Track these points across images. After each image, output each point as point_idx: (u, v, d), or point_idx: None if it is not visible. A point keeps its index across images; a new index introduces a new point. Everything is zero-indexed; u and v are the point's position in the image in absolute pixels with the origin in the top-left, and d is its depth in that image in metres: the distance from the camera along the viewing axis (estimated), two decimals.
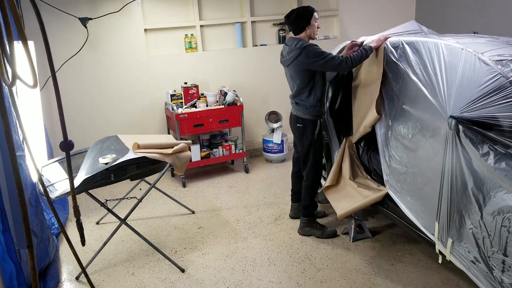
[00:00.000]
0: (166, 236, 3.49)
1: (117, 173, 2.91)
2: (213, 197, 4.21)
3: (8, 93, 1.61)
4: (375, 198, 2.94)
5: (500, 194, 1.89)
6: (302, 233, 3.35)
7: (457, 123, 2.08)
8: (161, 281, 2.88)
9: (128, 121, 4.81)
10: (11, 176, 2.33)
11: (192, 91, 4.59)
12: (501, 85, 1.95)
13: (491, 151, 1.91)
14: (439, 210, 2.31)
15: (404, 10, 5.82)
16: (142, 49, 4.69)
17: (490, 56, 2.08)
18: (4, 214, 2.30)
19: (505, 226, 1.87)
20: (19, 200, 1.34)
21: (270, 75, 5.28)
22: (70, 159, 1.85)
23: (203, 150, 4.66)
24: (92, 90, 4.62)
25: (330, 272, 2.88)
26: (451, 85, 2.18)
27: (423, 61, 2.40)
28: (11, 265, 2.39)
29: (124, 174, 3.00)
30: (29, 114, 3.42)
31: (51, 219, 3.48)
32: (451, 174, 2.17)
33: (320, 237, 3.28)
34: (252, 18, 5.07)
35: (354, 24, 5.58)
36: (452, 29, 5.12)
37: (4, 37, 1.32)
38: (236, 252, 3.18)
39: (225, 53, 5.03)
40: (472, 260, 2.10)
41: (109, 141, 3.24)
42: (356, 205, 3.03)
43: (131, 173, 3.05)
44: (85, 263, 2.98)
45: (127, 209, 3.24)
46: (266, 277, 2.85)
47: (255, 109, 5.23)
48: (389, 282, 2.73)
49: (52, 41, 4.20)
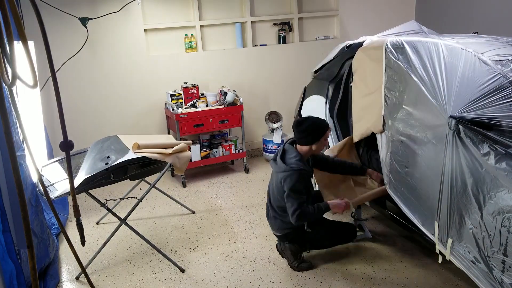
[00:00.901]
0: (166, 236, 3.49)
1: (117, 173, 2.91)
2: (213, 197, 4.21)
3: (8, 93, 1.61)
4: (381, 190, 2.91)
5: (500, 194, 1.88)
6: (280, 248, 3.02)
7: (457, 123, 2.07)
8: (161, 281, 2.88)
9: (128, 121, 4.81)
10: (11, 176, 2.33)
11: (192, 91, 4.59)
12: (501, 85, 1.95)
13: (491, 151, 1.91)
14: (439, 210, 2.31)
15: (404, 10, 5.82)
16: (142, 49, 4.69)
17: (490, 56, 2.08)
18: (4, 214, 2.30)
19: (505, 226, 1.86)
20: (19, 200, 1.34)
21: (270, 75, 5.28)
22: (70, 159, 1.85)
23: (203, 150, 4.66)
24: (92, 90, 4.62)
25: (330, 272, 2.88)
26: (451, 85, 2.18)
27: (423, 61, 2.40)
28: (11, 265, 2.39)
29: (124, 174, 3.00)
30: (29, 114, 3.42)
31: (51, 219, 3.48)
32: (451, 174, 2.16)
33: (291, 266, 2.93)
34: (252, 18, 5.07)
35: (354, 24, 5.58)
36: (452, 29, 5.12)
37: (4, 37, 1.32)
38: (236, 252, 3.18)
39: (225, 53, 5.04)
40: (472, 260, 2.10)
41: (109, 141, 3.24)
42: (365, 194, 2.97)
43: (131, 173, 3.05)
44: (85, 263, 2.98)
45: (127, 209, 3.24)
46: (266, 277, 2.85)
47: (255, 109, 5.23)
48: (389, 282, 2.73)
49: (52, 41, 4.18)
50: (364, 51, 3.01)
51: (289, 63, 5.33)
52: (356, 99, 3.15)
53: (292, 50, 5.33)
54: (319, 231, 2.94)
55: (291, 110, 4.59)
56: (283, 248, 2.98)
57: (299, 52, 5.35)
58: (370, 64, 2.92)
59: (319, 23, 5.51)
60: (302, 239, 2.93)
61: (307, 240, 2.94)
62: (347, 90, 3.34)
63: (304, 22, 5.42)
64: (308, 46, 5.39)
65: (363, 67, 3.02)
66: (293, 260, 2.92)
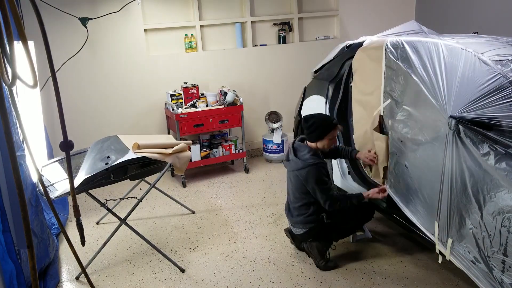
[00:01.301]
0: (166, 236, 3.49)
1: (117, 173, 2.91)
2: (213, 197, 4.21)
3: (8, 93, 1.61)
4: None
5: (500, 194, 1.88)
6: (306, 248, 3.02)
7: (457, 123, 2.08)
8: (161, 281, 2.88)
9: (128, 121, 4.81)
10: (11, 176, 2.33)
11: (192, 91, 4.59)
12: (501, 85, 1.95)
13: (491, 151, 1.91)
14: (439, 210, 2.31)
15: (404, 10, 5.82)
16: (142, 49, 4.69)
17: (490, 56, 2.08)
18: (4, 214, 2.30)
19: (505, 226, 1.87)
20: (19, 200, 1.34)
21: (270, 75, 5.28)
22: (70, 159, 1.85)
23: (203, 150, 4.66)
24: (92, 90, 4.62)
25: (330, 272, 2.87)
26: (451, 85, 2.18)
27: (423, 61, 2.40)
28: (11, 265, 2.39)
29: (124, 174, 3.00)
30: (29, 114, 3.42)
31: (51, 219, 3.48)
32: (451, 174, 2.16)
33: (318, 266, 2.94)
34: (252, 18, 5.07)
35: (354, 24, 5.58)
36: (452, 29, 5.12)
37: (4, 37, 1.32)
38: (236, 252, 3.18)
39: (225, 53, 5.04)
40: (472, 260, 2.10)
41: (109, 141, 3.24)
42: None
43: (131, 173, 3.05)
44: (85, 263, 2.98)
45: (127, 209, 3.24)
46: (266, 277, 2.85)
47: (255, 109, 5.23)
48: (389, 282, 2.73)
49: (52, 41, 4.19)
50: (364, 51, 3.01)
51: (289, 63, 5.33)
52: (356, 98, 3.15)
53: (292, 50, 5.33)
54: (340, 218, 2.92)
55: (291, 110, 4.59)
56: (310, 247, 2.97)
57: (299, 52, 5.35)
58: (370, 64, 2.92)
59: (319, 23, 5.51)
60: (325, 231, 2.92)
61: (331, 230, 2.93)
62: (347, 90, 3.34)
63: (304, 22, 5.42)
64: (308, 46, 5.39)
65: (363, 67, 3.03)
66: (319, 259, 2.92)
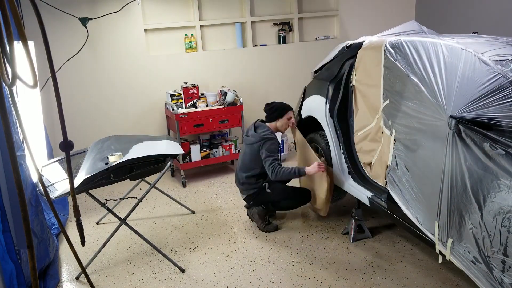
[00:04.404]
0: (166, 236, 3.49)
1: (117, 173, 2.91)
2: (213, 197, 4.21)
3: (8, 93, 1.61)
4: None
5: (500, 194, 1.88)
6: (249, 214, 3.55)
7: (457, 123, 2.07)
8: (161, 281, 2.88)
9: (128, 121, 4.81)
10: (11, 176, 2.33)
11: (192, 91, 4.59)
12: (501, 85, 1.95)
13: (491, 151, 1.91)
14: (439, 210, 2.30)
15: (404, 10, 5.83)
16: (142, 49, 4.69)
17: (490, 56, 2.08)
18: (4, 214, 2.30)
19: (505, 226, 1.86)
20: (19, 200, 1.34)
21: (270, 75, 5.28)
22: (70, 159, 1.86)
23: (203, 150, 4.66)
24: (92, 90, 4.62)
25: (330, 272, 2.88)
26: (451, 85, 2.18)
27: (423, 61, 2.39)
28: (11, 265, 2.39)
29: (124, 174, 3.00)
30: (29, 114, 3.42)
31: (51, 219, 3.49)
32: (451, 174, 2.16)
33: (259, 228, 3.45)
34: (252, 18, 5.07)
35: (354, 24, 5.58)
36: (452, 29, 5.12)
37: (4, 37, 1.32)
38: (236, 252, 3.18)
39: (225, 53, 5.04)
40: (472, 260, 2.10)
41: (109, 141, 3.25)
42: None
43: (131, 173, 3.05)
44: (85, 263, 2.98)
45: (127, 209, 3.24)
46: (266, 277, 2.85)
47: (255, 109, 5.22)
48: (389, 282, 2.73)
49: (52, 41, 4.21)
50: (364, 51, 3.01)
51: (289, 63, 5.34)
52: (356, 98, 3.16)
53: (292, 50, 5.33)
54: (278, 193, 3.41)
55: None
56: (252, 213, 3.50)
57: (299, 52, 5.35)
58: (370, 64, 2.92)
59: (319, 23, 5.51)
60: (264, 199, 3.41)
61: (268, 200, 3.41)
62: (347, 90, 3.34)
63: (304, 22, 5.42)
64: (308, 46, 5.39)
65: (363, 66, 3.03)
66: (260, 222, 3.44)
